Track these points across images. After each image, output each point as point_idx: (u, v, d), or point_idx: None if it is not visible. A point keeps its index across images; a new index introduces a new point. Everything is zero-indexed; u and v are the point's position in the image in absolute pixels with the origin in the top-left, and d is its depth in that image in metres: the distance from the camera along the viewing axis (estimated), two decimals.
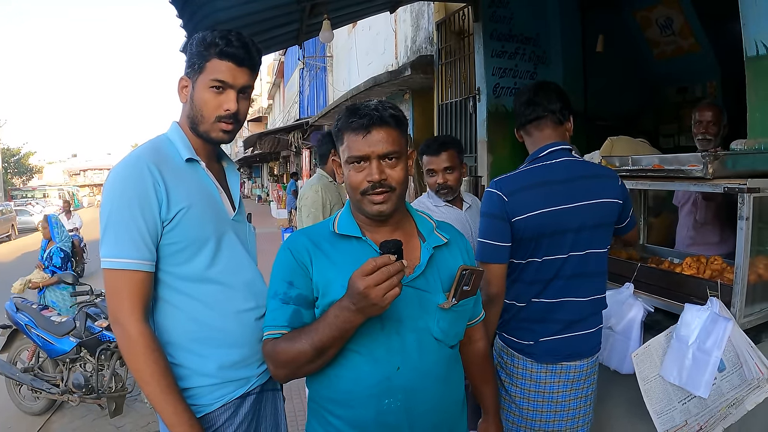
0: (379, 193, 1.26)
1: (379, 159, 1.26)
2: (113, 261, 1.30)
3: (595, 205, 1.79)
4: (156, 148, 1.42)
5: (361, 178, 1.27)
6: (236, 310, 1.44)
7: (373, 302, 1.08)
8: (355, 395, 1.27)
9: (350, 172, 1.29)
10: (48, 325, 4.01)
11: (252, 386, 1.47)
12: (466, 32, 5.39)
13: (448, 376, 1.35)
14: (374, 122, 1.25)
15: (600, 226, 1.81)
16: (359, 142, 1.26)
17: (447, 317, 1.31)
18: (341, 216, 1.38)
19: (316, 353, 1.20)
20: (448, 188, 2.46)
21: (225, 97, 1.39)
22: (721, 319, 1.73)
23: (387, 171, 1.26)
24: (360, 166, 1.27)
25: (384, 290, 1.07)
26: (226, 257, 1.44)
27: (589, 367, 1.85)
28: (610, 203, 1.82)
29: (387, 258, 1.08)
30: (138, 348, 1.27)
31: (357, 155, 1.26)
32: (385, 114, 1.27)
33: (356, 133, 1.26)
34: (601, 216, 1.81)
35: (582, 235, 1.78)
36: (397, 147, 1.27)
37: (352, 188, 1.30)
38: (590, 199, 1.78)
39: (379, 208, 1.27)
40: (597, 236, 1.81)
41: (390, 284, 1.07)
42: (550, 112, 1.87)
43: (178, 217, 1.35)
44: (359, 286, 1.08)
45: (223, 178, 1.56)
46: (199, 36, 1.40)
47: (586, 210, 1.78)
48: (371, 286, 1.07)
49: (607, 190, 1.83)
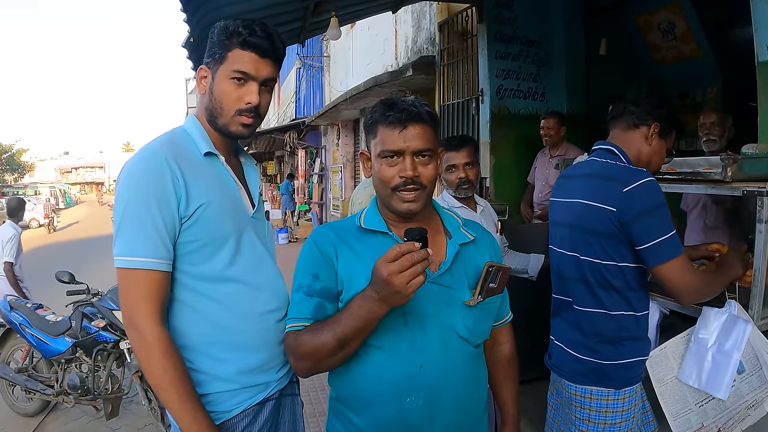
0: (410, 190, 1.24)
1: (413, 155, 1.24)
2: (128, 260, 1.24)
3: (585, 206, 1.70)
4: (173, 141, 1.36)
5: (394, 173, 1.25)
6: (257, 311, 1.39)
7: (396, 289, 1.05)
8: (376, 393, 1.24)
9: (382, 166, 1.27)
10: (43, 324, 3.93)
11: (271, 391, 1.42)
12: (470, 33, 5.38)
13: (472, 375, 1.33)
14: (411, 117, 1.23)
15: (590, 232, 1.68)
16: (395, 136, 1.24)
17: (473, 314, 1.29)
18: (367, 211, 1.35)
19: (339, 345, 1.17)
20: (470, 183, 2.45)
21: (246, 89, 1.34)
22: (741, 321, 1.72)
23: (419, 168, 1.25)
24: (393, 161, 1.25)
25: (408, 277, 1.04)
26: (247, 256, 1.39)
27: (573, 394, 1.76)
28: (598, 208, 1.64)
29: (411, 245, 1.05)
30: (156, 353, 1.22)
31: (391, 149, 1.24)
32: (422, 110, 1.25)
33: (392, 127, 1.24)
34: (587, 220, 1.68)
35: (575, 235, 1.74)
36: (431, 145, 1.26)
37: (383, 183, 1.27)
38: (581, 198, 1.72)
39: (408, 206, 1.26)
40: (590, 243, 1.68)
41: (414, 271, 1.04)
42: (625, 113, 1.77)
43: (198, 213, 1.29)
44: (383, 273, 1.05)
45: (241, 173, 1.51)
46: (221, 24, 1.35)
47: (577, 209, 1.74)
48: (395, 272, 1.04)
49: (603, 193, 1.64)
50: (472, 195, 2.52)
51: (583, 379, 1.73)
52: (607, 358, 1.70)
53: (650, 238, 1.56)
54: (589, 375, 1.72)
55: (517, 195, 4.84)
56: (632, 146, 1.76)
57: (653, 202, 1.56)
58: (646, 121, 1.74)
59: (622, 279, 1.67)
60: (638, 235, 1.58)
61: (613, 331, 1.70)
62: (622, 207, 1.58)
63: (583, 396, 1.73)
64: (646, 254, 1.58)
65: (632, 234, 1.58)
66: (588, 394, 1.72)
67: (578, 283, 1.75)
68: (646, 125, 1.74)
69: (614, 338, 1.71)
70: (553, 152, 4.43)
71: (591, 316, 1.73)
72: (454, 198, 2.48)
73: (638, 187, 1.56)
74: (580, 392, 1.74)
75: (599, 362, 1.71)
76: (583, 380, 1.73)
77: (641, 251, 1.59)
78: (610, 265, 1.66)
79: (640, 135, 1.75)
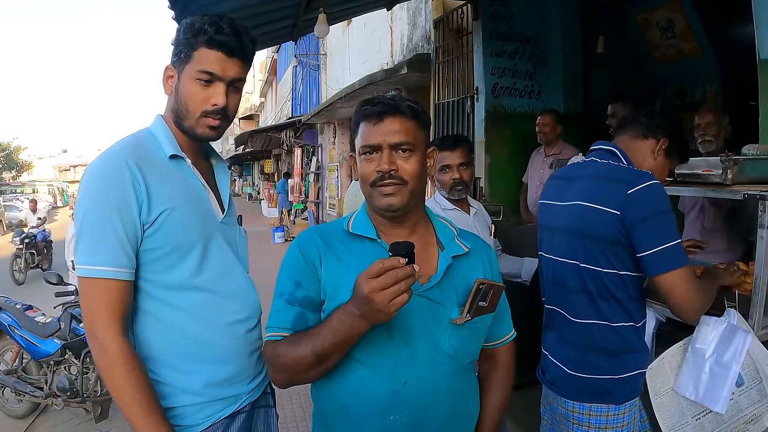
0: (388, 184, 1.17)
1: (390, 149, 1.17)
2: (88, 269, 1.19)
3: (585, 209, 1.61)
4: (137, 143, 1.30)
5: (371, 169, 1.19)
6: (225, 321, 1.33)
7: (378, 308, 0.98)
8: (358, 409, 1.18)
9: (362, 163, 1.21)
10: (32, 325, 3.90)
11: (242, 404, 1.37)
12: (465, 30, 5.31)
13: (461, 391, 1.25)
14: (387, 110, 1.17)
15: (590, 237, 1.59)
16: (371, 130, 1.18)
17: (459, 334, 1.21)
18: (357, 215, 1.29)
19: (317, 359, 1.11)
20: (464, 184, 2.37)
21: (213, 90, 1.28)
22: (740, 332, 1.65)
23: (399, 162, 1.18)
24: (371, 156, 1.19)
25: (391, 295, 0.97)
26: (215, 263, 1.33)
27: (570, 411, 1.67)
28: (600, 211, 1.55)
29: (396, 260, 0.98)
30: (116, 365, 1.17)
31: (368, 144, 1.19)
32: (401, 104, 1.19)
33: (368, 121, 1.19)
34: (588, 224, 1.59)
35: (574, 241, 1.65)
36: (411, 138, 1.19)
37: (363, 180, 1.21)
38: (582, 200, 1.63)
39: (388, 200, 1.18)
40: (590, 249, 1.59)
41: (397, 289, 0.97)
42: (636, 122, 1.73)
43: (161, 219, 1.23)
44: (364, 290, 0.98)
45: (212, 176, 1.45)
46: (186, 21, 1.29)
47: (576, 212, 1.64)
48: (377, 290, 0.97)
49: (606, 195, 1.55)
50: (466, 197, 2.45)
51: (582, 397, 1.65)
52: (608, 373, 1.62)
53: (653, 245, 1.46)
54: (588, 392, 1.64)
55: (513, 195, 4.77)
56: (637, 154, 1.70)
57: (659, 206, 1.48)
58: (656, 134, 1.69)
59: (623, 289, 1.59)
60: (640, 241, 1.48)
61: (614, 343, 1.62)
62: (626, 210, 1.49)
63: (581, 413, 1.65)
64: (648, 262, 1.48)
65: (634, 239, 1.49)
66: (587, 411, 1.64)
67: (578, 294, 1.65)
68: (655, 138, 1.69)
69: (615, 351, 1.63)
70: (548, 151, 4.38)
71: (590, 329, 1.64)
72: (447, 200, 2.40)
73: (644, 189, 1.48)
74: (578, 409, 1.66)
75: (599, 378, 1.63)
76: (582, 397, 1.65)
77: (642, 258, 1.49)
78: (612, 274, 1.57)
79: (647, 146, 1.70)
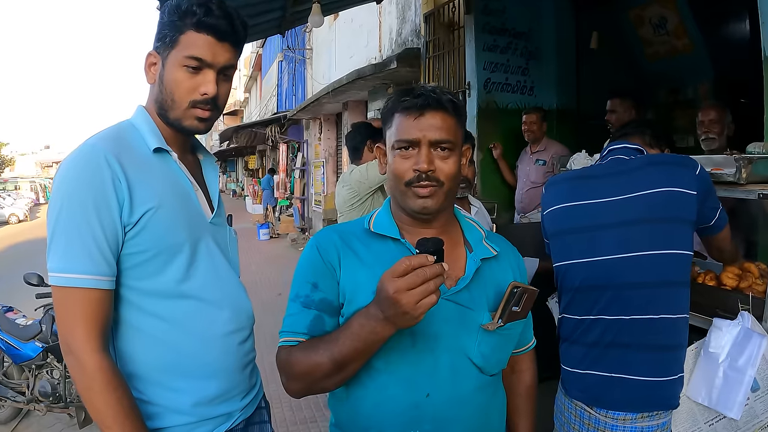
0: (425, 186, 1.08)
1: (429, 146, 1.08)
2: (63, 277, 1.05)
3: (665, 193, 1.55)
4: (117, 135, 1.17)
5: (407, 167, 1.09)
6: (216, 333, 1.21)
7: (404, 310, 0.89)
8: (376, 422, 1.09)
9: (395, 158, 1.11)
10: (12, 328, 3.74)
11: (235, 422, 1.25)
12: (456, 25, 5.23)
13: (487, 405, 1.16)
14: (429, 104, 1.07)
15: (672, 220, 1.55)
16: (410, 124, 1.08)
17: (490, 341, 1.12)
18: (379, 213, 1.19)
19: (335, 367, 1.01)
20: (467, 182, 2.33)
21: (202, 78, 1.16)
22: (755, 335, 1.60)
23: (437, 162, 1.08)
24: (407, 152, 1.09)
25: (418, 296, 0.88)
26: (204, 268, 1.21)
27: None
28: (681, 193, 1.55)
29: (424, 258, 0.89)
30: (97, 384, 1.04)
31: (405, 139, 1.08)
32: (443, 98, 1.09)
33: (407, 115, 1.08)
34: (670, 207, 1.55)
35: (649, 229, 1.55)
36: (452, 137, 1.09)
37: (396, 178, 1.11)
38: (656, 187, 1.55)
39: (423, 202, 1.09)
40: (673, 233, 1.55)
41: (425, 290, 0.88)
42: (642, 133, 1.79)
43: (144, 219, 1.11)
44: (389, 290, 0.90)
45: (199, 172, 1.33)
46: (172, 2, 1.16)
47: (653, 200, 1.56)
48: (402, 290, 0.88)
49: (681, 179, 1.57)
50: (467, 195, 2.40)
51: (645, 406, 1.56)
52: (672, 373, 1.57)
53: (716, 211, 1.64)
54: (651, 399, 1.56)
55: (505, 192, 4.72)
56: None
57: (711, 180, 1.64)
58: (660, 144, 1.77)
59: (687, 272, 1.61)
60: (710, 210, 1.62)
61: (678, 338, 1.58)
62: (699, 189, 1.58)
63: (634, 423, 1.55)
64: (715, 224, 1.65)
65: (704, 212, 1.61)
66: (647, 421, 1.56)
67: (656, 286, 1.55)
68: (659, 148, 1.76)
69: (677, 346, 1.57)
70: (534, 148, 4.38)
71: (659, 325, 1.54)
72: None
73: (702, 169, 1.61)
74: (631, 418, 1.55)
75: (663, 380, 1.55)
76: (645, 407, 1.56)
77: (712, 224, 1.64)
78: (688, 256, 1.59)
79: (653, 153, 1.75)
